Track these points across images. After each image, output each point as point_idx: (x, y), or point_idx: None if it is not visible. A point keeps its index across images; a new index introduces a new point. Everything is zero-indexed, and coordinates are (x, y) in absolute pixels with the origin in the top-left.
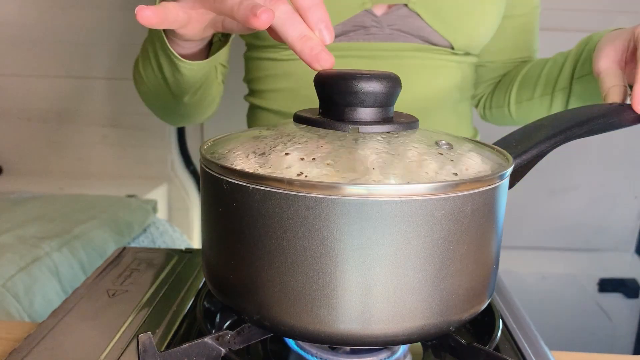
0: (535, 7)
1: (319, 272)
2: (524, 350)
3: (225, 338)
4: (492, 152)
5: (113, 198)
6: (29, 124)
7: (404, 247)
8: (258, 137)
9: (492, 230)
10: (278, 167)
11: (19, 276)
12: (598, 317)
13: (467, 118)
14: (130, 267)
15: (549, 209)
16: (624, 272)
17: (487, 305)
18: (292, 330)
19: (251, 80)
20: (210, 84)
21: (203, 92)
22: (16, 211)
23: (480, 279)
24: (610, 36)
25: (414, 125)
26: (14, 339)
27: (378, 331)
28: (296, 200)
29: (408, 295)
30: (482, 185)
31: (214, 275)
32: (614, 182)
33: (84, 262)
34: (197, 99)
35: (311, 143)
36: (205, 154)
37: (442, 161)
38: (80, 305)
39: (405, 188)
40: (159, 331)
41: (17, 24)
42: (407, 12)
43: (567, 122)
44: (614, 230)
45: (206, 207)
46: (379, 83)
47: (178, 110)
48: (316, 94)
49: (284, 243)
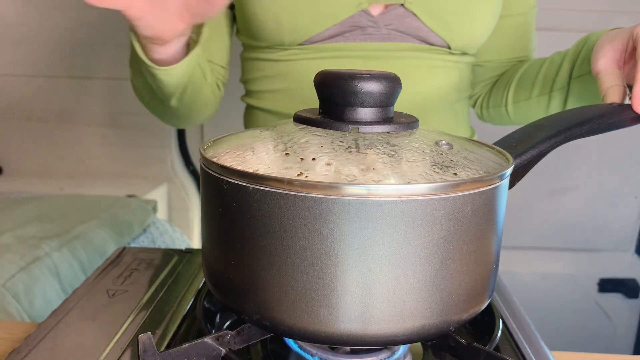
0: (532, 7)
1: (319, 272)
2: (524, 350)
3: (225, 338)
4: (492, 152)
5: (113, 198)
6: (29, 124)
7: (404, 247)
8: (258, 138)
9: (492, 230)
10: (278, 167)
11: (19, 276)
12: (598, 317)
13: (464, 118)
14: (130, 267)
15: (549, 209)
16: (624, 272)
17: (487, 305)
18: (292, 330)
19: (247, 81)
20: (198, 88)
21: (191, 96)
22: (16, 211)
23: (480, 279)
24: (609, 36)
25: (414, 125)
26: (14, 339)
27: (378, 331)
28: (296, 200)
29: (408, 295)
30: (482, 185)
31: (214, 275)
32: (614, 182)
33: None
34: (186, 102)
35: (311, 143)
36: (205, 154)
37: (442, 161)
38: (80, 305)
39: (405, 188)
40: (159, 331)
41: (17, 24)
42: (404, 12)
43: (567, 122)
44: (613, 230)
45: (206, 207)
46: (379, 83)
47: (169, 113)
48: (314, 94)
49: (284, 243)
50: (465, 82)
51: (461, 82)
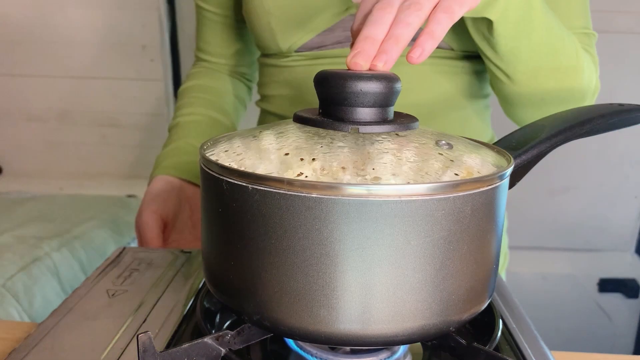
0: None
1: (319, 272)
2: (524, 350)
3: (225, 338)
4: (492, 152)
5: (113, 198)
6: (29, 124)
7: (404, 247)
8: (258, 137)
9: (492, 230)
10: (278, 167)
11: (19, 276)
12: (598, 317)
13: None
14: (130, 267)
15: (549, 209)
16: (624, 272)
17: (487, 305)
18: (292, 330)
19: (260, 85)
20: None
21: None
22: (16, 211)
23: (480, 279)
24: None
25: (414, 125)
26: (14, 339)
27: (378, 331)
28: (296, 201)
29: (408, 295)
30: (482, 185)
31: (214, 275)
32: (614, 182)
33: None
34: None
35: (311, 143)
36: (205, 153)
37: (442, 161)
38: (80, 305)
39: (406, 188)
40: (159, 331)
41: (17, 24)
42: None
43: (567, 122)
44: (614, 230)
45: (206, 207)
46: (378, 83)
47: None
48: (317, 99)
49: (284, 243)
50: (476, 87)
51: (471, 88)
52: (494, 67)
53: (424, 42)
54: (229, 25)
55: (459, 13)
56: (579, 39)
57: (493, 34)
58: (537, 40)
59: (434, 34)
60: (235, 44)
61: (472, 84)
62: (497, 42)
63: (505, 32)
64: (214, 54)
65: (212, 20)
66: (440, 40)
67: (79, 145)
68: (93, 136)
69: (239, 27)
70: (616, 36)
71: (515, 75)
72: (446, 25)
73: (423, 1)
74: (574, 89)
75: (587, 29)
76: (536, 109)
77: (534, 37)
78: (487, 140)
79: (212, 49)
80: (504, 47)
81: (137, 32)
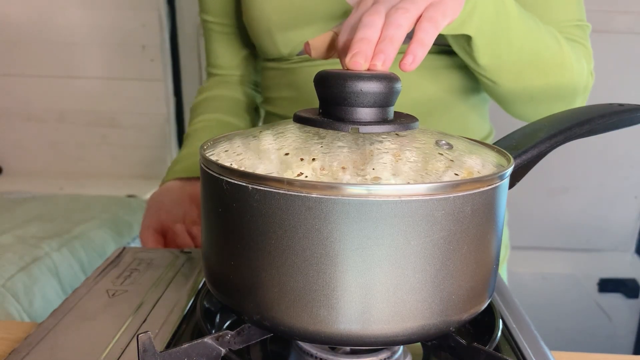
0: None
1: (318, 272)
2: (524, 350)
3: (225, 338)
4: (492, 152)
5: (113, 198)
6: (29, 124)
7: (404, 247)
8: (258, 137)
9: (492, 230)
10: (278, 167)
11: (19, 276)
12: (598, 317)
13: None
14: (130, 267)
15: (549, 209)
16: (624, 272)
17: (487, 305)
18: (292, 330)
19: (262, 88)
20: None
21: None
22: (16, 211)
23: (480, 279)
24: None
25: (414, 125)
26: (14, 339)
27: (378, 331)
28: (296, 201)
29: (408, 295)
30: (482, 185)
31: (214, 275)
32: (614, 182)
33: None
34: None
35: (311, 143)
36: (205, 153)
37: (442, 161)
38: (80, 305)
39: (405, 188)
40: (159, 331)
41: (17, 24)
42: None
43: (567, 122)
44: (614, 230)
45: (206, 207)
46: (378, 83)
47: None
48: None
49: (284, 243)
50: (473, 81)
51: (471, 84)
52: (479, 74)
53: (415, 49)
54: (236, 34)
55: (443, 23)
56: (572, 32)
57: (473, 48)
58: (518, 46)
59: (423, 41)
60: (242, 50)
61: (469, 77)
62: (478, 56)
63: (484, 45)
64: (224, 67)
65: (218, 32)
66: (429, 48)
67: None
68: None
69: (245, 36)
70: (616, 36)
71: (500, 80)
72: (432, 34)
73: (409, 6)
74: (563, 84)
75: (581, 21)
76: (528, 105)
77: (514, 44)
78: (486, 133)
79: (221, 62)
80: (485, 58)
81: (137, 32)
